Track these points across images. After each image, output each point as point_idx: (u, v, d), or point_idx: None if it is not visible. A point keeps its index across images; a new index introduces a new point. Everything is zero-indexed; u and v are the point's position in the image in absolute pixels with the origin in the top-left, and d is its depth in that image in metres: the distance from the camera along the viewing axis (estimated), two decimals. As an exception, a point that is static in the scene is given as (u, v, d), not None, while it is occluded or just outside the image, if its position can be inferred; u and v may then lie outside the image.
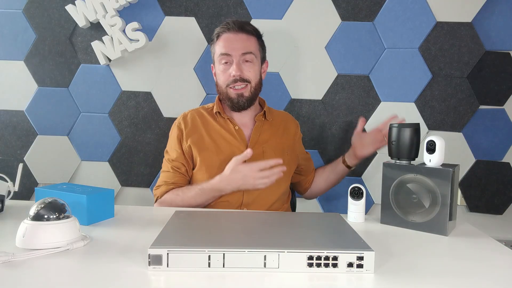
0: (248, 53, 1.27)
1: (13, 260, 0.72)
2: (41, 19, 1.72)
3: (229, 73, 1.26)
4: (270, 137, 1.34)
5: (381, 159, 1.68)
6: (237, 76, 1.25)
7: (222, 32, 1.30)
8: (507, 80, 1.64)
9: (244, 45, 1.27)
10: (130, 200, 1.77)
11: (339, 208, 1.72)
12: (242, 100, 1.28)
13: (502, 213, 1.69)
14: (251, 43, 1.29)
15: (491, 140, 1.66)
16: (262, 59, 1.36)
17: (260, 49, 1.34)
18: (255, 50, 1.30)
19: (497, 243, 0.91)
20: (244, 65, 1.28)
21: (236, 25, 1.28)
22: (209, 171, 1.26)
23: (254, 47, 1.30)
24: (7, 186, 1.07)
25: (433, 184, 0.96)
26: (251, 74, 1.28)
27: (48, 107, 1.74)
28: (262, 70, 1.37)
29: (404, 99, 1.68)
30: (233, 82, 1.26)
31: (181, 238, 0.76)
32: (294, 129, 1.45)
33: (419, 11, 1.64)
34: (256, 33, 1.33)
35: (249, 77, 1.28)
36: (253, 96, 1.31)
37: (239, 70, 1.26)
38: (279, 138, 1.36)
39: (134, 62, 1.72)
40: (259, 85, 1.34)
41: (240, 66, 1.26)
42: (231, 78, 1.26)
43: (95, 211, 0.98)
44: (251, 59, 1.28)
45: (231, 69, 1.26)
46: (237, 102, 1.28)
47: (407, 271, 0.73)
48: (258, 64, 1.32)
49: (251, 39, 1.29)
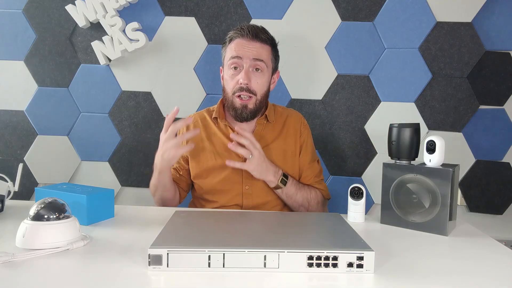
0: (259, 60, 1.23)
1: (13, 260, 0.72)
2: (41, 19, 1.72)
3: (237, 79, 1.23)
4: (271, 140, 1.30)
5: (381, 159, 1.68)
6: (244, 84, 1.22)
7: (235, 37, 1.26)
8: (507, 80, 1.64)
9: (257, 52, 1.23)
10: (130, 200, 1.77)
11: (339, 208, 1.71)
12: (246, 112, 1.24)
13: (502, 213, 1.69)
14: (264, 51, 1.25)
15: (491, 140, 1.66)
16: (273, 69, 1.31)
17: (273, 58, 1.30)
18: (267, 59, 1.26)
19: (497, 243, 0.91)
20: (254, 74, 1.23)
21: (250, 32, 1.24)
22: (206, 174, 1.27)
23: (266, 56, 1.25)
24: (7, 186, 1.07)
25: (433, 184, 0.96)
26: (258, 85, 1.24)
27: (48, 107, 1.74)
28: (272, 81, 1.33)
29: (404, 99, 1.68)
30: (239, 90, 1.22)
31: (181, 238, 0.76)
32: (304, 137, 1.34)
33: (419, 11, 1.64)
34: (271, 42, 1.29)
35: (256, 89, 1.24)
36: (258, 109, 1.26)
37: (247, 78, 1.22)
38: (282, 140, 1.31)
39: (134, 62, 1.72)
40: (265, 98, 1.30)
41: (249, 74, 1.22)
42: (238, 86, 1.22)
43: (95, 211, 0.98)
44: (262, 67, 1.24)
45: (239, 76, 1.22)
46: (241, 113, 1.24)
47: (407, 271, 0.73)
48: (268, 74, 1.28)
49: (264, 48, 1.25)
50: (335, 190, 1.59)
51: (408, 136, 1.02)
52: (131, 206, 1.21)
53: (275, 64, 1.33)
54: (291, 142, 1.32)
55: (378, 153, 1.70)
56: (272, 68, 1.30)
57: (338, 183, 1.73)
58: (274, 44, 1.31)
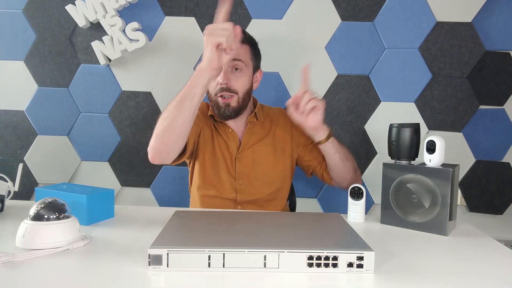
0: (237, 60, 1.25)
1: (13, 260, 0.72)
2: (41, 19, 1.72)
3: (217, 81, 1.25)
4: (261, 137, 1.33)
5: (381, 159, 1.68)
6: (224, 84, 1.24)
7: None
8: (507, 80, 1.64)
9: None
10: (130, 200, 1.77)
11: (339, 208, 1.72)
12: (229, 110, 1.26)
13: (502, 213, 1.69)
14: (241, 51, 1.26)
15: (491, 140, 1.66)
16: (254, 68, 1.33)
17: (253, 57, 1.31)
18: (245, 58, 1.27)
19: (497, 243, 0.91)
20: (233, 74, 1.25)
21: None
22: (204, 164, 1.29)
23: (244, 55, 1.27)
24: (7, 186, 1.07)
25: (433, 184, 0.96)
26: (238, 84, 1.26)
27: (48, 107, 1.74)
28: (255, 79, 1.34)
29: (404, 99, 1.68)
30: (220, 91, 1.25)
31: (181, 238, 0.76)
32: (290, 122, 1.30)
33: (419, 11, 1.64)
34: (249, 41, 1.30)
35: (236, 88, 1.26)
36: (240, 107, 1.28)
37: (227, 78, 1.24)
38: (270, 137, 1.35)
39: (134, 62, 1.72)
40: (248, 96, 1.31)
41: (228, 75, 1.24)
42: (219, 86, 1.25)
43: (95, 211, 0.98)
44: (241, 67, 1.26)
45: (219, 77, 1.24)
46: (223, 112, 1.26)
47: (407, 271, 0.73)
48: (249, 73, 1.30)
49: (242, 47, 1.27)
50: (335, 190, 1.59)
51: (408, 136, 1.02)
52: (131, 206, 1.21)
53: (256, 63, 1.34)
54: (281, 136, 1.34)
55: (378, 153, 1.70)
56: (253, 66, 1.32)
57: (338, 183, 1.73)
58: (254, 44, 1.32)
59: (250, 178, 1.29)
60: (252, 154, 1.30)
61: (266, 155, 1.31)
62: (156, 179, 1.76)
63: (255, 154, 1.30)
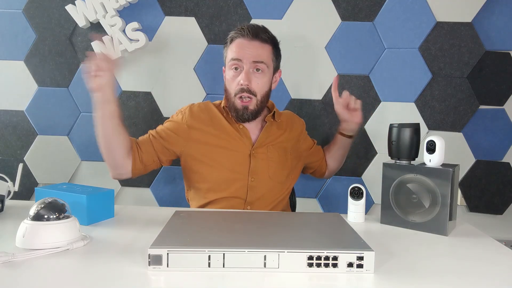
0: (259, 62, 1.24)
1: (13, 260, 0.72)
2: (41, 19, 1.72)
3: (238, 81, 1.24)
4: (276, 137, 1.34)
5: (381, 159, 1.68)
6: (245, 85, 1.23)
7: (236, 37, 1.26)
8: (507, 80, 1.64)
9: (257, 53, 1.24)
10: (130, 200, 1.77)
11: (339, 208, 1.72)
12: (247, 113, 1.26)
13: (502, 213, 1.69)
14: (264, 52, 1.25)
15: (491, 140, 1.66)
16: (275, 68, 1.32)
17: (274, 58, 1.30)
18: (268, 60, 1.26)
19: (497, 243, 0.91)
20: (254, 75, 1.24)
21: (250, 32, 1.24)
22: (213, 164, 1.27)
23: (266, 56, 1.26)
24: (7, 186, 1.07)
25: (433, 184, 0.96)
26: (259, 86, 1.25)
27: (48, 107, 1.74)
28: (274, 80, 1.33)
29: (404, 99, 1.68)
30: (240, 91, 1.24)
31: (181, 238, 0.76)
32: (300, 128, 1.44)
33: (419, 11, 1.64)
34: (272, 41, 1.29)
35: (256, 90, 1.25)
36: (259, 109, 1.28)
37: (248, 79, 1.23)
38: (284, 138, 1.36)
39: (134, 62, 1.72)
40: (266, 98, 1.31)
41: (249, 76, 1.23)
42: (239, 87, 1.24)
43: (95, 211, 0.98)
44: (262, 68, 1.25)
45: (240, 77, 1.24)
46: (242, 115, 1.26)
47: (407, 271, 0.73)
48: (269, 75, 1.29)
49: (265, 47, 1.26)
50: (335, 190, 1.59)
51: (408, 136, 1.02)
52: (131, 206, 1.21)
53: (277, 64, 1.33)
54: (292, 139, 1.39)
55: (378, 153, 1.70)
56: (274, 67, 1.31)
57: (338, 183, 1.73)
58: (276, 43, 1.31)
59: (264, 176, 1.28)
60: (267, 152, 1.30)
61: (279, 155, 1.32)
62: (156, 179, 1.76)
63: (269, 153, 1.31)
